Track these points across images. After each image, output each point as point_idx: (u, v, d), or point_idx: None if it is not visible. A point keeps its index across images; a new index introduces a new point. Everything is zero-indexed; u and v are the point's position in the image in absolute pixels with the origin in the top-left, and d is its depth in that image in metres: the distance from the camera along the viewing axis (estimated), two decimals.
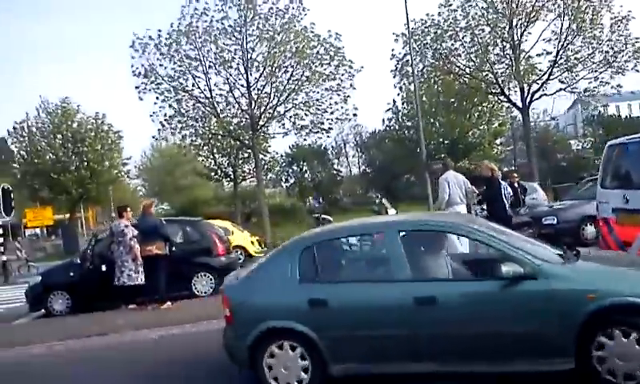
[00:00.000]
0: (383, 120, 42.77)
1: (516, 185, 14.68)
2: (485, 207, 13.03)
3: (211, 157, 30.44)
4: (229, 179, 31.94)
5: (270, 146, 29.71)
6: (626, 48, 23.84)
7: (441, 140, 35.21)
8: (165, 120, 25.19)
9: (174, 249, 11.59)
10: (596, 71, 24.46)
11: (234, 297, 5.83)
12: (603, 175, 9.10)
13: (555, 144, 62.31)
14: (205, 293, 12.35)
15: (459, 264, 5.83)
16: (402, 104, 37.86)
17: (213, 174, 31.39)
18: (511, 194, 14.43)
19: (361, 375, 5.41)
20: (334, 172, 59.08)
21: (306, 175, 59.16)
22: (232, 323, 5.80)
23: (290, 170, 57.80)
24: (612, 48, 23.97)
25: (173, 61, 24.47)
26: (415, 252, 5.63)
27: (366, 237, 6.25)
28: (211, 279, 12.44)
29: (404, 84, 34.71)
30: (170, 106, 24.95)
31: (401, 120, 39.44)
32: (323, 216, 15.57)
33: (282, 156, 46.07)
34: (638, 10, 40.50)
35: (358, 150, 65.49)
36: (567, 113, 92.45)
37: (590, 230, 13.98)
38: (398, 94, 37.84)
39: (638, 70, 23.75)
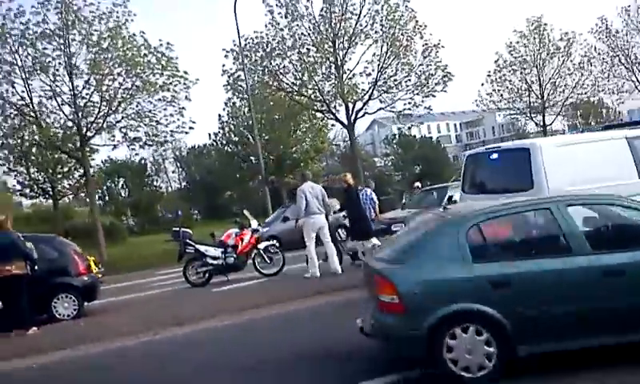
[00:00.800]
0: (209, 134, 42.71)
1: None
2: (346, 215, 13.98)
3: (25, 172, 27.94)
4: (47, 196, 29.48)
5: (93, 159, 28.06)
6: (436, 73, 26.69)
7: (266, 154, 36.14)
8: None
9: (36, 268, 10.57)
10: (411, 92, 27.01)
11: (401, 282, 5.27)
12: (464, 182, 10.29)
13: (364, 162, 67.30)
14: (67, 316, 11.48)
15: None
16: (229, 119, 38.17)
17: (28, 190, 28.70)
18: (376, 201, 15.55)
19: (546, 353, 5.28)
20: (154, 188, 57.20)
21: (123, 192, 56.42)
22: (402, 311, 5.25)
23: (104, 187, 54.72)
24: (424, 73, 26.67)
25: None
26: (590, 225, 5.74)
27: (531, 213, 5.90)
28: (74, 300, 11.62)
29: (230, 100, 35.35)
30: None
31: (227, 135, 39.66)
32: (183, 229, 15.17)
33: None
34: (447, 40, 46.01)
35: (178, 165, 64.19)
36: (365, 133, 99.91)
37: None
38: (224, 109, 38.29)
39: (445, 91, 26.80)
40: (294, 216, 15.51)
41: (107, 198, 53.68)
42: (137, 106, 23.92)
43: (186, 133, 24.45)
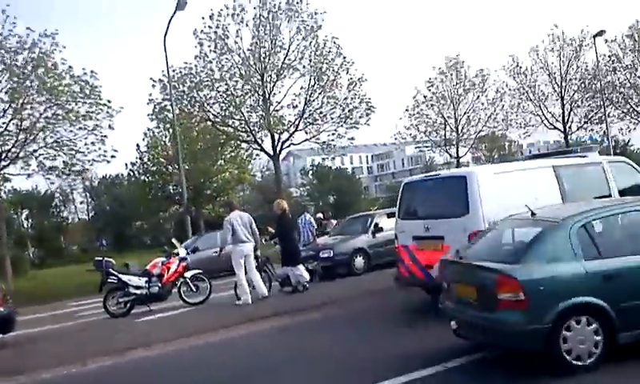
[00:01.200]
0: (126, 164, 41.26)
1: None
2: (278, 242, 13.86)
3: None
4: None
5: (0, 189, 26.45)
6: (360, 106, 27.27)
7: (187, 185, 35.37)
8: None
9: None
10: (336, 124, 27.43)
11: (526, 280, 5.75)
12: (400, 208, 10.47)
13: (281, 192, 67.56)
14: None
15: None
16: (148, 149, 37.17)
17: None
18: (314, 225, 15.51)
19: None
20: (60, 219, 54.60)
21: (26, 223, 53.49)
22: (526, 308, 5.73)
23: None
24: (348, 105, 27.18)
25: None
26: None
27: (630, 213, 6.64)
28: None
29: (150, 130, 34.61)
30: None
31: (145, 165, 38.54)
32: (106, 259, 14.50)
33: None
34: (370, 73, 47.29)
35: (87, 195, 61.63)
36: (281, 163, 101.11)
37: (359, 261, 15.78)
38: (143, 139, 37.28)
39: (369, 124, 27.42)
40: (205, 246, 15.34)
41: (6, 228, 50.61)
42: (56, 135, 22.87)
43: (108, 162, 23.64)
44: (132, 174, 41.13)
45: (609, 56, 36.48)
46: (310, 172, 76.79)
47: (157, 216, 47.51)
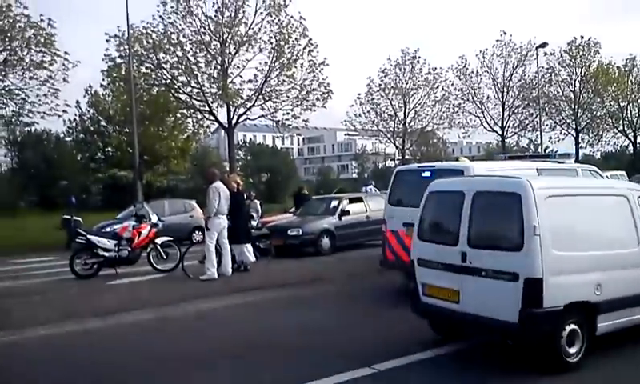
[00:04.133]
0: (64, 120, 39.46)
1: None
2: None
3: None
4: None
5: None
6: (319, 88, 27.49)
7: (128, 149, 34.37)
8: None
9: None
10: (292, 104, 27.53)
11: None
12: (391, 195, 10.88)
13: (214, 163, 66.57)
14: None
15: None
16: (88, 107, 35.84)
17: None
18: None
19: None
20: None
21: None
22: None
23: None
24: (306, 87, 27.32)
25: None
26: None
27: None
28: None
29: (92, 87, 33.41)
30: None
31: (85, 123, 37.15)
32: (75, 218, 14.16)
33: None
34: (332, 58, 47.36)
35: (10, 148, 58.19)
36: (212, 136, 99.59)
37: (325, 241, 16.15)
38: (84, 96, 35.89)
39: (325, 107, 27.79)
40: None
41: None
42: (4, 82, 21.78)
43: (59, 116, 22.78)
44: (70, 131, 39.48)
45: (547, 68, 38.57)
46: (244, 148, 76.20)
47: (86, 177, 45.60)
